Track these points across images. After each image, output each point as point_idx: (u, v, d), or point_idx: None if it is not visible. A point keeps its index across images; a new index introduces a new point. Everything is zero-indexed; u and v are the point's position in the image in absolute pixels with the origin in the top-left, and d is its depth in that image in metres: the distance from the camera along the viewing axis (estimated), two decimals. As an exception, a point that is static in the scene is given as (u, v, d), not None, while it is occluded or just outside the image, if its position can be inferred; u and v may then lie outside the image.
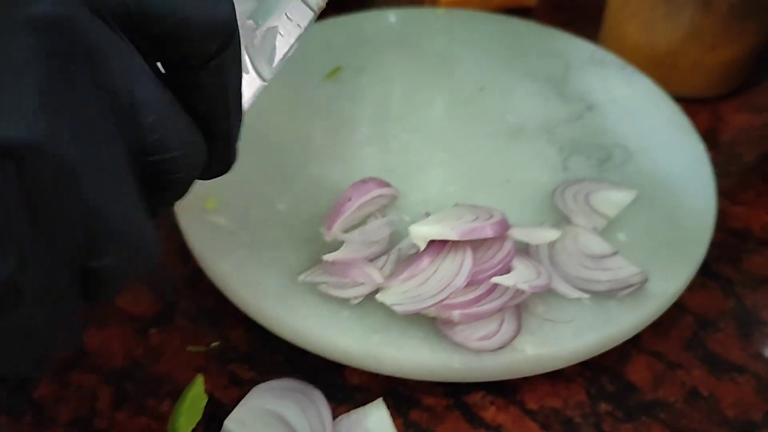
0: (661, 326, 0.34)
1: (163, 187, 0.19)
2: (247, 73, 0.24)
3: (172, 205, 0.21)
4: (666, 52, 0.46)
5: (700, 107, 0.47)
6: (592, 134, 0.40)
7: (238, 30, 0.19)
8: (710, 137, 0.45)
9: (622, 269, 0.32)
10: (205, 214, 0.35)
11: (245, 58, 0.24)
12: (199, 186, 0.22)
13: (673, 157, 0.39)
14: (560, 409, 0.31)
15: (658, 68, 0.46)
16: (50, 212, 0.16)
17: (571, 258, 0.33)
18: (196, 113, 0.20)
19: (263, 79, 0.24)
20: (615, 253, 0.33)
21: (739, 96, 0.48)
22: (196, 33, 0.18)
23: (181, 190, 0.20)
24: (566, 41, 0.47)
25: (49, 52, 0.15)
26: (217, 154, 0.21)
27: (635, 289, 0.32)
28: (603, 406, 0.31)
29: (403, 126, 0.40)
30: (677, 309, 0.35)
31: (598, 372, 0.32)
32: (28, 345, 0.17)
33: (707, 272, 0.37)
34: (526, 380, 0.32)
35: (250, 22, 0.25)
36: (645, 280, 0.32)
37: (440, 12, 0.50)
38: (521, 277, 0.30)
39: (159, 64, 0.19)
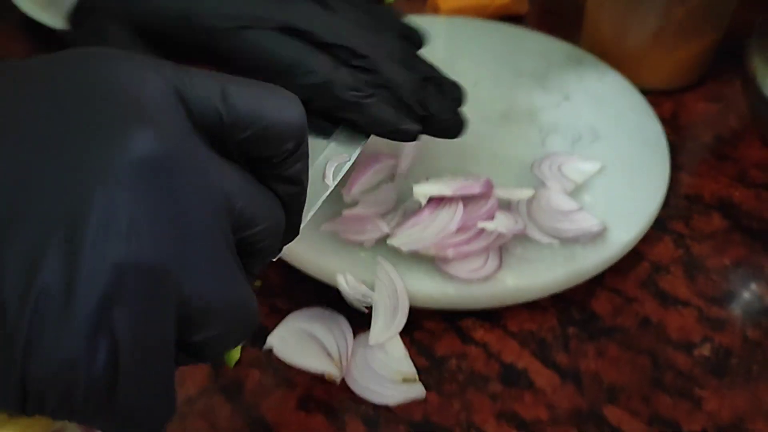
0: (621, 270, 0.41)
1: (254, 254, 0.23)
2: None
3: (265, 266, 0.25)
4: (634, 51, 0.53)
5: (666, 98, 0.54)
6: (567, 119, 0.48)
7: (307, 128, 0.23)
8: (673, 122, 0.52)
9: (586, 221, 0.40)
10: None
11: None
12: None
13: (634, 137, 0.47)
14: (535, 331, 0.39)
15: (628, 65, 0.54)
16: (148, 308, 0.18)
17: (545, 213, 0.40)
18: (275, 192, 0.24)
19: (327, 186, 0.31)
20: (580, 209, 0.40)
21: (701, 87, 0.56)
22: (277, 136, 0.22)
23: (270, 255, 0.24)
24: (549, 43, 0.55)
25: (149, 180, 0.18)
26: (290, 225, 0.25)
27: (595, 236, 0.39)
28: (571, 330, 0.39)
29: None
30: (636, 256, 0.42)
31: (568, 304, 0.40)
32: (132, 422, 0.19)
33: (663, 228, 0.44)
34: (508, 309, 0.39)
35: None
36: (603, 229, 0.39)
37: (441, 19, 0.58)
38: (502, 223, 0.37)
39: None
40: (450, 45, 0.55)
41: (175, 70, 0.21)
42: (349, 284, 0.37)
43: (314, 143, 0.30)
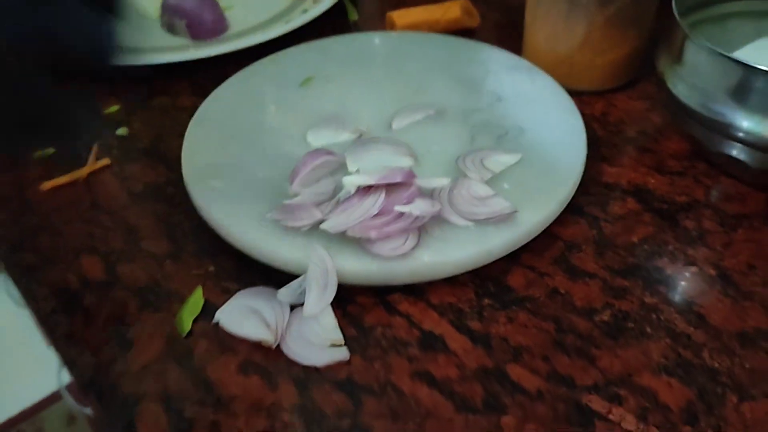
0: (537, 250, 0.46)
1: None
2: None
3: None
4: (566, 56, 0.58)
5: (598, 98, 0.59)
6: (497, 118, 0.53)
7: None
8: (603, 119, 0.57)
9: (498, 204, 0.45)
10: (207, 181, 0.48)
11: None
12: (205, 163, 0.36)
13: (555, 132, 0.51)
14: (454, 303, 0.43)
15: (560, 69, 0.59)
16: None
17: (463, 199, 0.45)
18: None
19: None
20: (495, 195, 0.45)
21: (631, 88, 0.60)
22: None
23: None
24: (492, 52, 0.60)
25: None
26: None
27: (506, 218, 0.44)
28: (486, 301, 0.44)
29: (357, 117, 0.54)
30: (551, 237, 0.47)
31: (485, 279, 0.45)
32: None
33: (580, 213, 0.49)
34: (431, 285, 0.44)
35: None
36: (514, 212, 0.44)
37: (394, 34, 0.63)
38: (418, 207, 0.43)
39: None
40: (399, 58, 0.60)
41: None
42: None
43: None
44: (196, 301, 0.44)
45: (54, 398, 1.53)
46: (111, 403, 0.39)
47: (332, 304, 0.43)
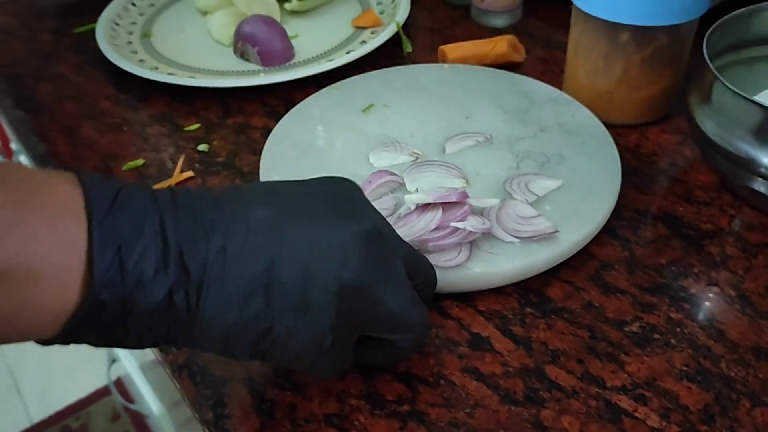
0: (575, 266, 0.52)
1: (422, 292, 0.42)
2: None
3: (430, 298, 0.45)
4: (604, 91, 0.64)
5: (633, 130, 0.65)
6: (540, 147, 0.59)
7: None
8: (636, 151, 0.63)
9: (541, 224, 0.50)
10: (281, 194, 0.55)
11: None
12: (280, 178, 0.42)
13: (593, 161, 0.57)
14: (499, 310, 0.49)
15: (599, 103, 0.64)
16: (355, 318, 0.37)
17: (509, 218, 0.51)
18: None
19: None
20: (538, 215, 0.51)
21: (665, 122, 0.66)
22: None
23: (431, 291, 0.45)
24: (535, 85, 0.66)
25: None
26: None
27: (548, 236, 0.50)
28: (527, 310, 0.49)
29: (413, 141, 0.60)
30: (587, 256, 0.52)
31: (527, 290, 0.50)
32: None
33: (614, 235, 0.54)
34: (479, 293, 0.50)
35: None
36: (555, 231, 0.50)
37: (446, 66, 0.70)
38: (470, 223, 0.48)
39: None
40: (450, 88, 0.66)
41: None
42: None
43: None
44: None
45: (99, 394, 1.61)
46: (203, 382, 0.45)
47: (392, 306, 0.48)
